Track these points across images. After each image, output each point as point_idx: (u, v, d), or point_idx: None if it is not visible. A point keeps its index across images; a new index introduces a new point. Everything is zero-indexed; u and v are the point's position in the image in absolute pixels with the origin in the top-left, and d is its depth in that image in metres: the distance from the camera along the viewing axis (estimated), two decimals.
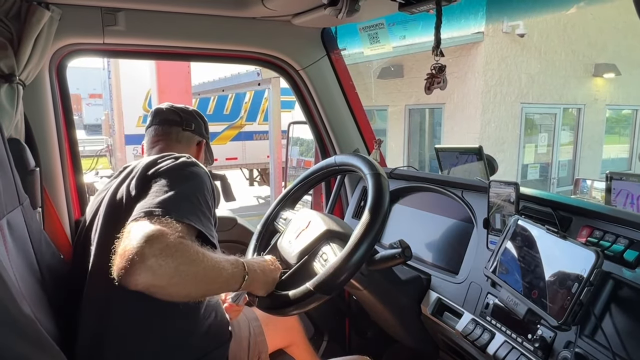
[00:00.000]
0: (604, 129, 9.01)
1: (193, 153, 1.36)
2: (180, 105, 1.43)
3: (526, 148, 7.91)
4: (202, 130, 1.42)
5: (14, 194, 0.93)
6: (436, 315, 1.25)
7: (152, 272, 0.79)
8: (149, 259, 0.79)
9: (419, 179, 1.55)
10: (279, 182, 6.21)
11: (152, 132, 1.35)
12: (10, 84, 1.20)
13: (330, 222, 1.19)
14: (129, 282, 0.79)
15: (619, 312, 0.87)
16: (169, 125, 1.35)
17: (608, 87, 8.63)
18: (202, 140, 1.42)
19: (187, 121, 1.38)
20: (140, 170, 1.06)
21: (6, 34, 1.20)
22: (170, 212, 0.90)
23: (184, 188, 0.99)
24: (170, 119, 1.36)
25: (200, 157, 1.41)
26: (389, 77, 7.97)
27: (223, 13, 1.58)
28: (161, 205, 0.92)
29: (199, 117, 1.44)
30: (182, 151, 1.22)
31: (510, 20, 6.97)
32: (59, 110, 1.49)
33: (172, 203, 0.93)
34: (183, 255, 0.84)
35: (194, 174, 1.05)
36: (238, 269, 0.97)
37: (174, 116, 1.37)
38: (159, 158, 1.09)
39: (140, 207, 0.92)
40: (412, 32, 1.86)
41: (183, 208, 0.94)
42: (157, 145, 1.32)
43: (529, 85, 7.60)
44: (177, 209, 0.92)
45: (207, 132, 1.45)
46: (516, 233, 0.99)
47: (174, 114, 1.38)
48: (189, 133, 1.38)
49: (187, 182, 1.01)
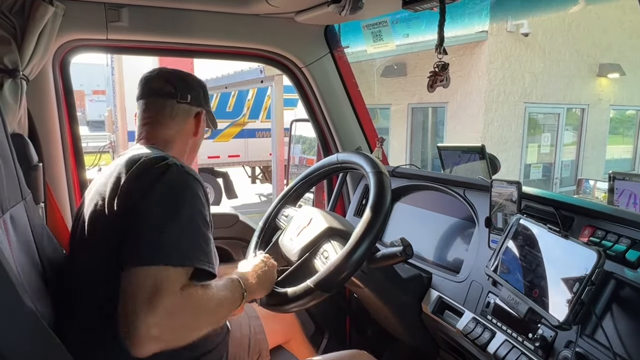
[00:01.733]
0: (608, 129, 8.97)
1: (190, 127, 1.21)
2: (172, 70, 1.24)
3: (529, 148, 7.88)
4: (200, 99, 1.24)
5: (16, 188, 0.93)
6: (437, 313, 1.25)
7: (158, 340, 0.79)
8: (153, 329, 0.78)
9: (421, 178, 1.54)
10: (281, 180, 6.21)
11: (142, 107, 1.18)
12: (14, 79, 1.21)
13: (332, 220, 1.19)
14: (137, 352, 0.79)
15: (620, 312, 0.87)
16: (163, 99, 1.17)
17: (612, 88, 8.59)
18: (201, 110, 1.23)
19: (183, 91, 1.19)
20: (123, 183, 0.96)
21: (10, 29, 1.20)
22: (170, 258, 0.85)
23: (180, 218, 0.90)
24: (162, 91, 1.17)
25: (200, 129, 1.24)
26: (392, 76, 7.95)
27: (226, 10, 1.58)
28: (158, 249, 0.85)
29: (196, 83, 1.24)
30: (178, 127, 1.17)
31: (515, 19, 6.95)
32: (62, 105, 1.49)
33: (169, 245, 0.87)
34: (188, 309, 0.84)
35: (186, 190, 0.95)
36: (237, 291, 0.98)
37: (166, 87, 1.18)
38: (142, 168, 0.97)
39: (135, 248, 0.86)
40: (416, 30, 1.85)
41: (183, 247, 0.88)
42: (147, 125, 1.17)
43: (533, 84, 7.57)
44: (176, 251, 0.87)
45: (207, 99, 1.26)
46: (518, 232, 0.99)
47: (167, 83, 1.18)
48: (185, 105, 1.19)
49: (181, 208, 0.92)
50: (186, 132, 1.20)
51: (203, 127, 1.25)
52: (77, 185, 1.58)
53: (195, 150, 1.27)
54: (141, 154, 1.02)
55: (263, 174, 9.48)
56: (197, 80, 1.25)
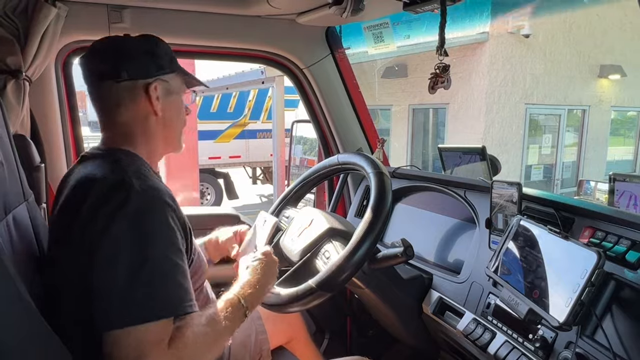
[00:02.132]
0: (609, 130, 8.96)
1: (144, 107, 0.96)
2: (107, 40, 1.00)
3: (530, 149, 7.88)
4: (145, 67, 0.96)
5: (19, 189, 0.94)
6: (437, 314, 1.26)
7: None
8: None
9: (422, 179, 1.55)
10: (282, 181, 6.22)
11: (89, 98, 0.98)
12: (17, 80, 1.21)
13: (333, 221, 1.19)
14: None
15: (620, 312, 0.87)
16: (100, 82, 0.95)
17: (613, 89, 8.59)
18: (152, 80, 0.95)
19: (118, 66, 0.94)
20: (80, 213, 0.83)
21: (13, 31, 1.21)
22: (148, 313, 0.76)
23: (151, 261, 0.79)
24: (97, 73, 0.95)
25: (161, 103, 0.97)
26: (393, 77, 7.96)
27: (228, 11, 1.59)
28: (132, 306, 0.76)
29: (138, 47, 0.97)
30: (130, 113, 0.95)
31: (516, 21, 6.95)
32: (64, 106, 1.50)
33: (143, 298, 0.76)
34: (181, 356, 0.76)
35: (153, 221, 0.82)
36: (237, 313, 0.91)
37: (100, 66, 0.95)
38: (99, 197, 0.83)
39: (107, 310, 0.77)
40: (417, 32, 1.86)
41: (160, 296, 0.78)
42: (100, 121, 0.98)
43: (534, 86, 7.57)
44: (153, 303, 0.77)
45: (159, 62, 0.98)
46: (518, 233, 0.99)
47: (101, 61, 0.96)
48: (127, 83, 0.94)
49: (150, 248, 0.80)
50: (141, 115, 0.97)
51: (166, 100, 0.99)
52: None
53: (174, 132, 1.04)
54: (95, 174, 0.88)
55: (264, 175, 9.49)
56: (138, 43, 0.99)
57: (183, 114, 1.06)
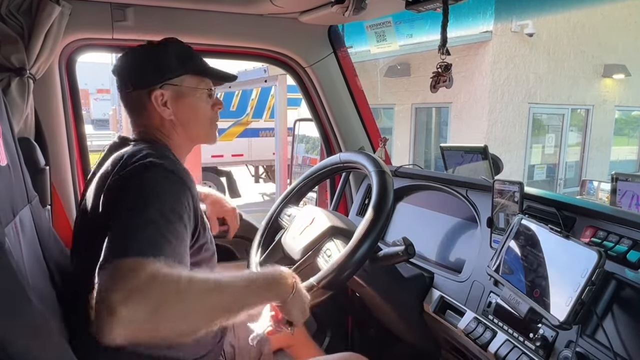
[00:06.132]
0: (613, 130, 8.93)
1: (154, 113, 1.03)
2: (122, 53, 1.08)
3: (533, 149, 7.86)
4: (146, 75, 1.02)
5: (23, 192, 0.94)
6: (438, 313, 1.26)
7: (126, 323, 0.67)
8: (118, 308, 0.67)
9: (424, 178, 1.55)
10: (284, 179, 6.22)
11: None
12: (21, 78, 1.22)
13: (334, 219, 1.20)
14: (107, 340, 0.68)
15: (621, 312, 0.87)
16: (119, 91, 1.07)
17: (617, 88, 8.55)
18: (156, 88, 1.01)
19: (124, 79, 1.04)
20: (109, 181, 0.91)
21: (17, 29, 1.22)
22: (126, 251, 0.75)
23: (148, 211, 0.82)
24: (120, 82, 1.06)
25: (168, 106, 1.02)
26: (396, 76, 7.95)
27: (231, 10, 1.59)
28: (124, 245, 0.77)
29: (138, 56, 1.05)
30: (144, 120, 1.04)
31: (519, 20, 6.93)
32: (68, 105, 1.51)
33: (135, 238, 0.78)
34: (158, 292, 0.70)
35: (162, 186, 0.87)
36: (282, 279, 0.85)
37: (117, 80, 1.06)
38: (120, 163, 0.92)
39: (104, 250, 0.78)
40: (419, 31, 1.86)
41: (143, 239, 0.78)
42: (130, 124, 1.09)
43: (537, 85, 7.55)
44: (134, 244, 0.77)
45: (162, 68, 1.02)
46: (519, 232, 1.00)
47: (116, 72, 1.06)
48: (133, 93, 1.03)
49: (150, 201, 0.84)
50: (155, 120, 1.04)
51: (178, 103, 1.03)
52: (83, 187, 1.59)
53: (196, 130, 1.09)
54: (124, 152, 0.96)
55: (266, 173, 9.50)
56: (145, 53, 1.05)
57: (205, 111, 1.09)
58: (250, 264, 1.28)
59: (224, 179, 8.38)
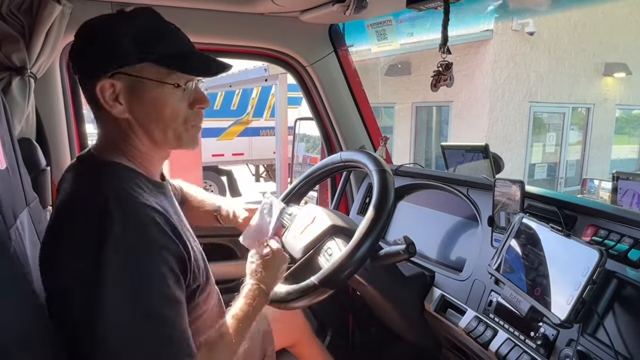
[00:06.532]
0: (614, 129, 8.92)
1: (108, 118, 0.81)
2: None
3: (534, 147, 7.85)
4: (95, 62, 0.79)
5: (21, 195, 0.94)
6: (439, 312, 1.26)
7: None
8: None
9: (424, 176, 1.55)
10: (285, 178, 6.22)
11: None
12: (22, 77, 1.22)
13: (335, 218, 1.20)
14: None
15: (622, 311, 0.87)
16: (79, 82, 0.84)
17: (618, 87, 8.54)
18: (101, 75, 0.78)
19: (73, 56, 0.82)
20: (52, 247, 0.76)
21: (18, 27, 1.22)
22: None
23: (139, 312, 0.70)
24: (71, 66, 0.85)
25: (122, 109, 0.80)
26: (396, 75, 7.94)
27: (232, 9, 1.59)
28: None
29: (95, 30, 0.80)
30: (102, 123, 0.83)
31: (520, 18, 6.91)
32: (69, 104, 1.51)
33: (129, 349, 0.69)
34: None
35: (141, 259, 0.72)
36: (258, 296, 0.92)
37: (70, 57, 0.84)
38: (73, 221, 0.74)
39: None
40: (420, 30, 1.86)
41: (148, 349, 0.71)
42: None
43: (538, 84, 7.54)
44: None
45: (129, 45, 0.78)
46: (520, 231, 1.00)
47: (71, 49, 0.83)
48: (84, 84, 0.81)
49: (138, 299, 0.70)
50: (108, 121, 0.82)
51: (133, 97, 0.80)
52: None
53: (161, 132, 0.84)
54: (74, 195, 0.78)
55: (267, 173, 9.49)
56: (95, 27, 0.81)
57: (175, 108, 0.83)
58: None
59: (225, 178, 8.38)
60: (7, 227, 0.71)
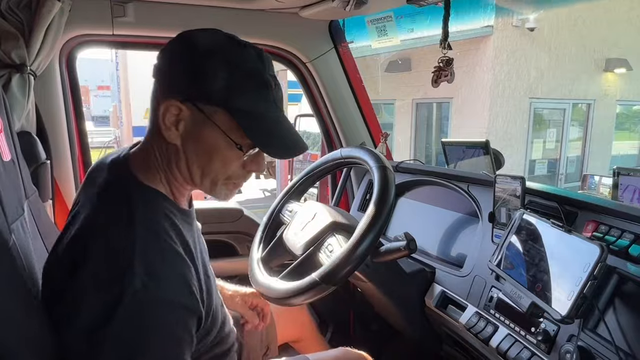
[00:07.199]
0: (614, 125, 8.91)
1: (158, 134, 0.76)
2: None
3: (534, 143, 7.85)
4: (175, 75, 0.73)
5: (21, 188, 0.94)
6: (440, 308, 1.26)
7: None
8: None
9: (425, 173, 1.55)
10: (285, 176, 6.23)
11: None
12: (22, 74, 1.22)
13: (336, 214, 1.19)
14: None
15: (623, 306, 0.87)
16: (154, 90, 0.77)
17: (619, 83, 8.52)
18: (172, 97, 0.72)
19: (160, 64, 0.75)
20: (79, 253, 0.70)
21: (17, 25, 1.21)
22: None
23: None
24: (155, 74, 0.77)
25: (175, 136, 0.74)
26: (397, 71, 7.92)
27: (231, 5, 1.59)
28: None
29: (191, 50, 0.72)
30: (152, 137, 0.77)
31: (521, 14, 6.90)
32: (69, 101, 1.51)
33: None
34: None
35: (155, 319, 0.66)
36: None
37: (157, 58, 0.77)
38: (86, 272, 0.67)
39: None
40: (420, 25, 1.86)
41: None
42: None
43: (538, 80, 7.52)
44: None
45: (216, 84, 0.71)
46: (521, 227, 1.00)
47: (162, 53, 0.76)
48: (155, 89, 0.76)
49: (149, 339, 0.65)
50: (158, 136, 0.77)
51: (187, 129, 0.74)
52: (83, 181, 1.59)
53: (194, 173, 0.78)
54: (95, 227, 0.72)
55: (267, 170, 9.49)
56: (192, 41, 0.74)
57: (227, 161, 0.76)
58: (251, 260, 1.28)
59: None
60: (11, 220, 0.71)
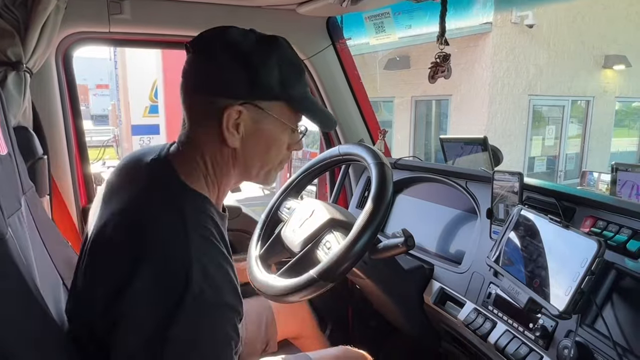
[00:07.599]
0: (613, 121, 8.91)
1: (214, 139, 0.75)
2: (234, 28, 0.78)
3: (533, 140, 7.85)
4: (233, 82, 0.73)
5: (18, 182, 0.94)
6: (438, 304, 1.26)
7: None
8: None
9: (423, 169, 1.55)
10: (284, 173, 6.22)
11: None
12: (18, 72, 1.21)
13: (334, 211, 1.19)
14: None
15: (620, 301, 0.87)
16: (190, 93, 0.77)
17: (618, 79, 8.52)
18: (233, 104, 0.73)
19: (202, 71, 0.76)
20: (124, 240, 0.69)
21: (13, 22, 1.21)
22: None
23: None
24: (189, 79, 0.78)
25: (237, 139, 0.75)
26: (395, 69, 7.92)
27: (229, 2, 1.58)
28: None
29: (241, 52, 0.74)
30: (200, 140, 0.76)
31: (520, 10, 6.89)
32: (65, 98, 1.50)
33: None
34: None
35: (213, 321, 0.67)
36: None
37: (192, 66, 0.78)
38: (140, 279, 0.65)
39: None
40: (419, 22, 1.85)
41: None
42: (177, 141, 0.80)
43: (537, 76, 7.52)
44: None
45: (272, 80, 0.75)
46: (519, 223, 0.99)
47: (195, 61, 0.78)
48: (205, 97, 0.75)
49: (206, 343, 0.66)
50: (212, 142, 0.77)
51: (253, 129, 0.76)
52: (81, 178, 1.59)
53: (250, 170, 0.81)
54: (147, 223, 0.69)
55: None
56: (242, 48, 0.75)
57: (280, 147, 0.81)
58: (250, 257, 1.28)
59: None
60: (8, 214, 0.71)
